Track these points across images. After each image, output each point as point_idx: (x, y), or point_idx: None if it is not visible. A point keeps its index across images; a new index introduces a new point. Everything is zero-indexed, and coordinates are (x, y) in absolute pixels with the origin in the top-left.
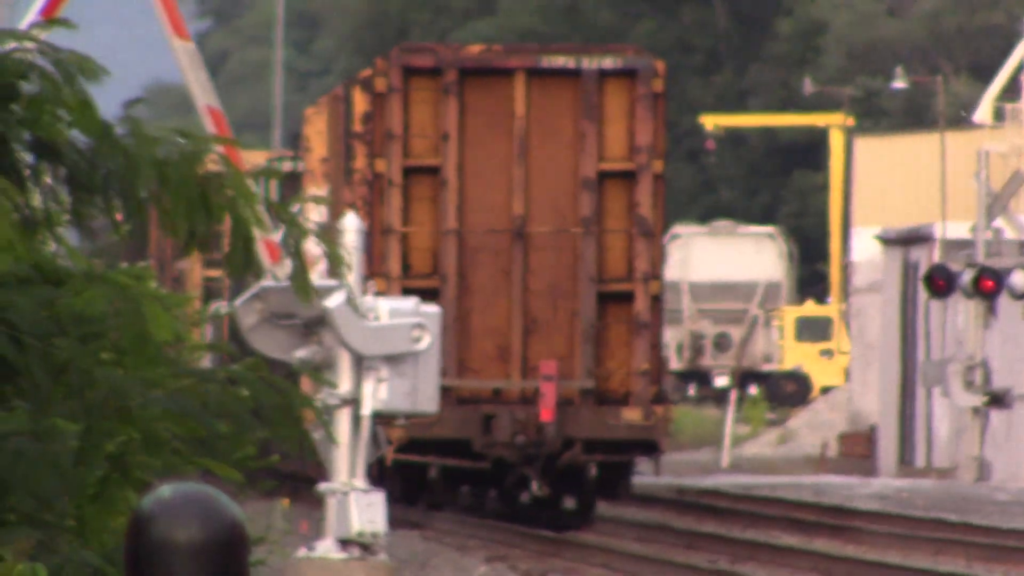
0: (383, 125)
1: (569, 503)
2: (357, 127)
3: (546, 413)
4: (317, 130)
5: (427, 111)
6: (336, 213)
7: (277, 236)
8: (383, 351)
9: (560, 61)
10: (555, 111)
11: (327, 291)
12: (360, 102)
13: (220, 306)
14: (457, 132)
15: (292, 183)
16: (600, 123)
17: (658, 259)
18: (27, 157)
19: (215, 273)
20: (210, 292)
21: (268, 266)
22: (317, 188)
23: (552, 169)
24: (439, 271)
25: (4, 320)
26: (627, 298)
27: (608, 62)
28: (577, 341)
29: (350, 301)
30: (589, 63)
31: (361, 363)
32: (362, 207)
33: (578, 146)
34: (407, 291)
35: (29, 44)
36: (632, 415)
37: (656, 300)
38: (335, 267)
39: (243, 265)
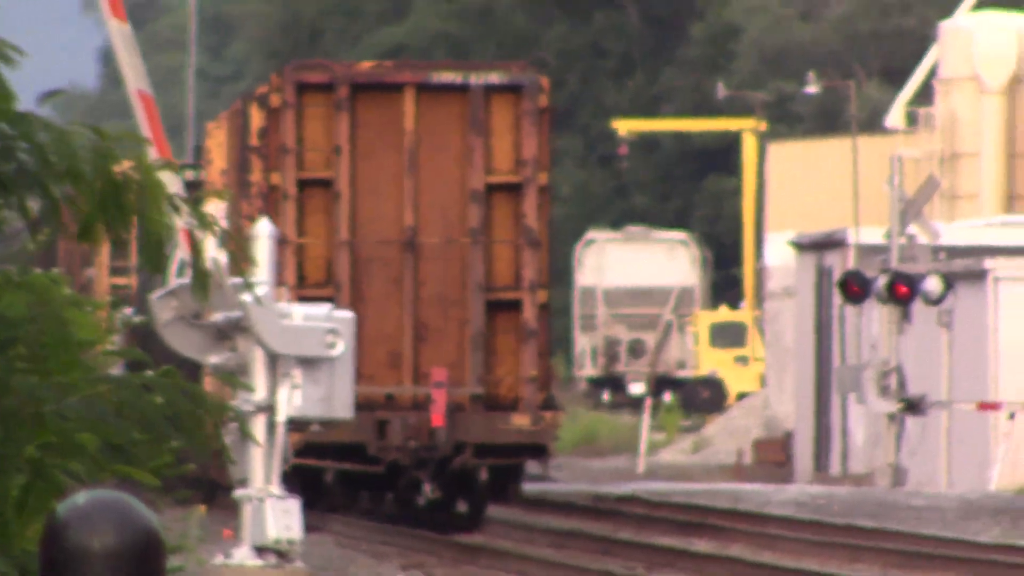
0: (278, 139)
1: (461, 506)
2: (253, 141)
3: (437, 418)
4: (218, 143)
5: (320, 125)
6: (235, 224)
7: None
8: (298, 352)
9: (448, 77)
10: (444, 125)
11: (242, 288)
12: (256, 117)
13: (127, 314)
14: (349, 146)
15: (194, 193)
16: (487, 137)
17: (545, 268)
18: None
19: (122, 281)
20: (117, 300)
21: (184, 256)
22: (217, 199)
23: (441, 181)
24: (333, 280)
25: None
26: (515, 306)
27: (495, 78)
28: (467, 348)
29: (265, 299)
30: (476, 79)
31: (276, 369)
32: (261, 213)
33: (466, 159)
34: (302, 300)
35: None
36: (521, 420)
37: (544, 308)
38: (241, 270)
39: (157, 264)
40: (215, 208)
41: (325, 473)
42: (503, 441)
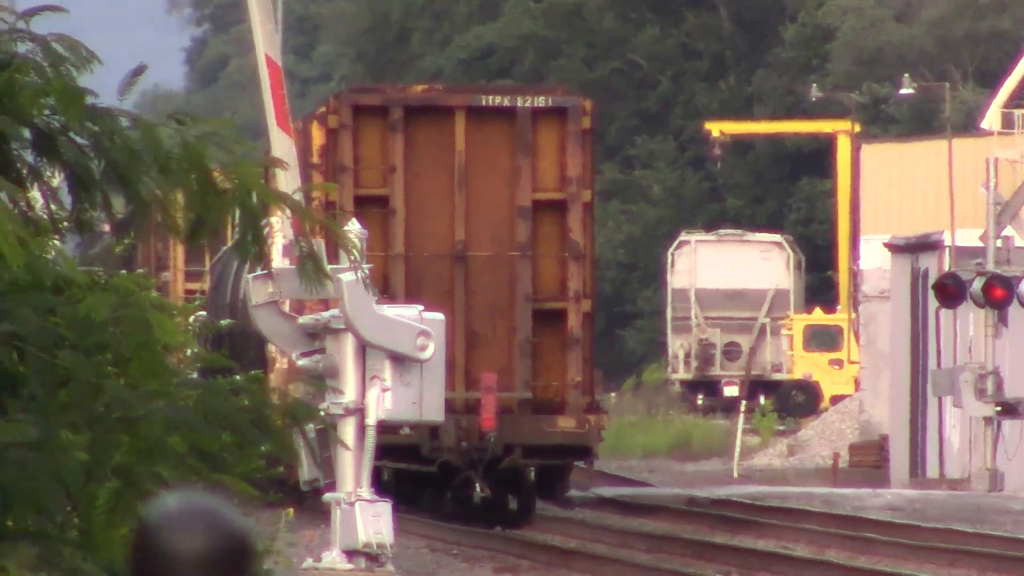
0: (336, 158)
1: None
2: (314, 159)
3: (488, 421)
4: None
5: (375, 145)
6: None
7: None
8: (387, 344)
9: (497, 100)
10: (493, 146)
11: (341, 270)
12: (317, 136)
13: (206, 316)
14: (403, 165)
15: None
16: (534, 157)
17: (589, 280)
18: (27, 156)
19: (196, 286)
20: (194, 303)
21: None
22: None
23: (490, 199)
24: (389, 292)
25: (5, 329)
26: (560, 316)
27: (541, 102)
28: (515, 355)
29: (363, 282)
30: (523, 102)
31: (366, 371)
32: (318, 233)
33: (514, 178)
34: None
35: (17, 29)
36: (567, 423)
37: (587, 317)
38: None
39: (255, 253)
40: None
41: (382, 472)
42: (549, 443)
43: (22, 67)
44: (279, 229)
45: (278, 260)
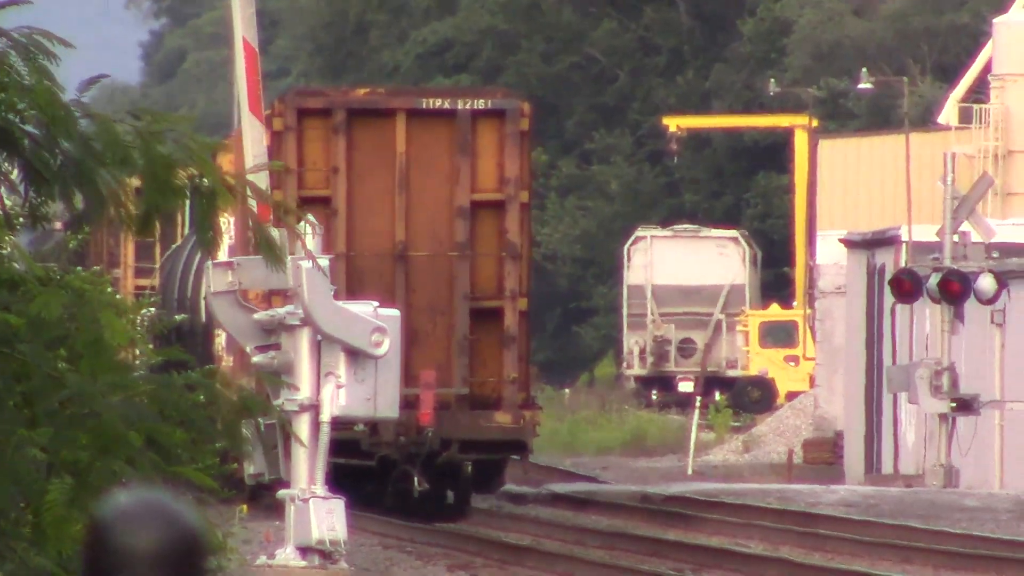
0: (281, 159)
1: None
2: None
3: (425, 417)
4: (229, 160)
5: (319, 147)
6: (241, 240)
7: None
8: (343, 337)
9: (437, 103)
10: (433, 147)
11: (300, 259)
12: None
13: (160, 312)
14: (345, 166)
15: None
16: (473, 158)
17: (525, 279)
18: None
19: (146, 282)
20: (146, 300)
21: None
22: (230, 211)
23: (430, 199)
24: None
25: None
26: (497, 314)
27: (480, 104)
28: (453, 352)
29: (322, 272)
30: (463, 104)
31: (321, 367)
32: (274, 221)
33: (453, 178)
34: None
35: None
36: (503, 419)
37: (524, 315)
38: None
39: (211, 239)
40: (225, 218)
41: None
42: (486, 437)
43: (2, 63)
44: (225, 230)
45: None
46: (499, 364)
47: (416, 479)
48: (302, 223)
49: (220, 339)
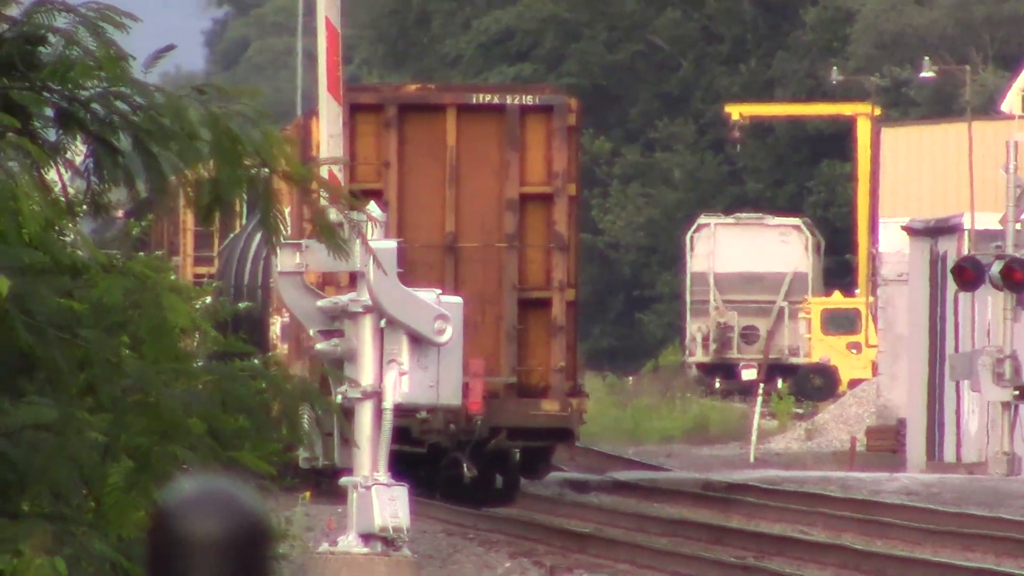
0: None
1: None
2: (314, 152)
3: (475, 405)
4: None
5: (371, 142)
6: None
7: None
8: (407, 321)
9: (487, 99)
10: (482, 142)
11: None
12: (315, 132)
13: (226, 300)
14: (397, 160)
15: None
16: (522, 152)
17: (572, 270)
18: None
19: (204, 270)
20: (207, 287)
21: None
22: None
23: (480, 192)
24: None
25: (24, 310)
26: (545, 304)
27: (528, 99)
28: (502, 341)
29: (387, 255)
30: (512, 100)
31: (384, 355)
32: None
33: (503, 172)
34: None
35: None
36: (550, 406)
37: (571, 306)
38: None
39: (275, 225)
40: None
41: None
42: (533, 425)
43: (71, 38)
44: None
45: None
46: (547, 353)
47: (465, 466)
48: (365, 212)
49: (275, 327)
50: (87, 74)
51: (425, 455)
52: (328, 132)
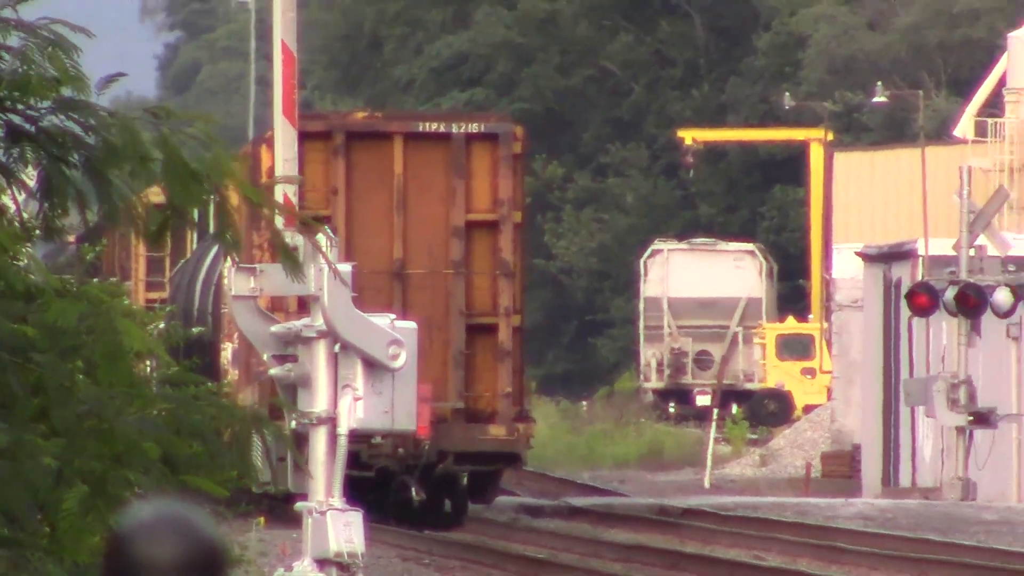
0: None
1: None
2: (263, 179)
3: (423, 429)
4: (243, 172)
5: (319, 168)
6: (246, 256)
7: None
8: (362, 345)
9: (433, 127)
10: (429, 169)
11: (320, 264)
12: (265, 158)
13: (178, 325)
14: (345, 187)
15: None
16: (468, 179)
17: (519, 296)
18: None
19: (155, 296)
20: (161, 312)
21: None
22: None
23: (427, 219)
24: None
25: None
26: (492, 330)
27: (474, 127)
28: (449, 367)
29: (340, 279)
30: (458, 128)
31: (338, 380)
32: (266, 250)
33: (449, 199)
34: None
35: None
36: (497, 431)
37: (517, 331)
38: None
39: (232, 242)
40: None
41: None
42: (481, 449)
43: (26, 56)
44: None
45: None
46: (494, 378)
47: (414, 489)
48: (324, 232)
49: (226, 352)
50: (45, 90)
51: (374, 479)
52: (284, 156)
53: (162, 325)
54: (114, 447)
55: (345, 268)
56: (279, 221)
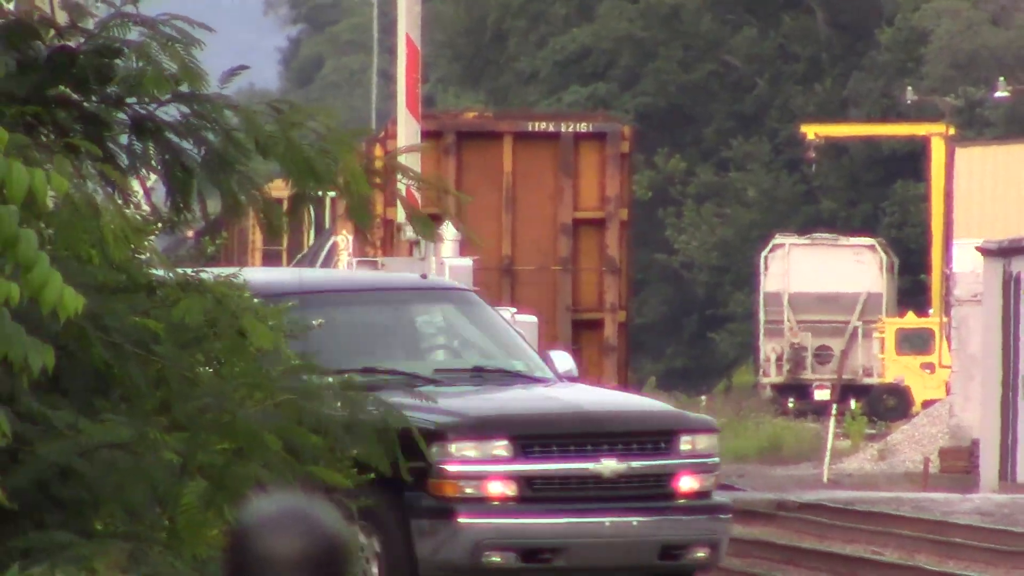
0: (394, 182)
1: None
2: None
3: None
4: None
5: (431, 167)
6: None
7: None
8: None
9: (542, 126)
10: (538, 168)
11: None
12: (378, 154)
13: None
14: (455, 185)
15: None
16: (575, 178)
17: (624, 292)
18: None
19: None
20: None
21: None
22: (349, 228)
23: (535, 216)
24: None
25: (101, 328)
26: (598, 325)
27: (583, 127)
28: None
29: (464, 272)
30: (566, 128)
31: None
32: (380, 246)
33: (557, 197)
34: None
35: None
36: None
37: (622, 326)
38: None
39: (367, 217)
40: (345, 237)
41: None
42: None
43: (143, 52)
44: (344, 248)
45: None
46: (599, 372)
47: None
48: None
49: None
50: (160, 84)
51: None
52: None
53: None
54: (236, 440)
55: (466, 263)
56: (401, 213)
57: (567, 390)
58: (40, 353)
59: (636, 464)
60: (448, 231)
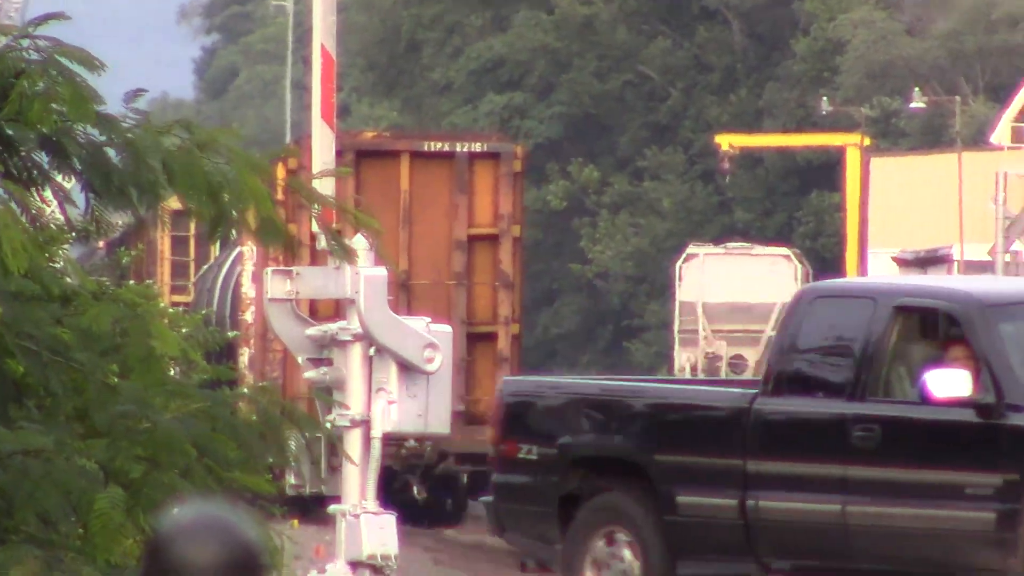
0: (295, 196)
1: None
2: (277, 196)
3: None
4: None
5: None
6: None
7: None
8: (396, 348)
9: (438, 146)
10: (434, 186)
11: (357, 268)
12: (279, 175)
13: (215, 329)
14: (354, 203)
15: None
16: (470, 196)
17: (517, 306)
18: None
19: (180, 299)
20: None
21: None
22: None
23: (431, 233)
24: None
25: (20, 334)
26: (492, 338)
27: (477, 147)
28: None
29: (378, 282)
30: (461, 147)
31: (372, 384)
32: (280, 263)
33: (452, 214)
34: None
35: (24, 42)
36: None
37: (516, 339)
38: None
39: (275, 237)
40: (249, 247)
41: None
42: (480, 450)
43: (31, 75)
44: (249, 258)
45: (247, 286)
46: (492, 384)
47: (416, 488)
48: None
49: (244, 357)
50: (44, 118)
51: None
52: (322, 159)
53: (185, 330)
54: (156, 447)
55: (381, 272)
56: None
57: None
58: None
59: None
60: (359, 242)
